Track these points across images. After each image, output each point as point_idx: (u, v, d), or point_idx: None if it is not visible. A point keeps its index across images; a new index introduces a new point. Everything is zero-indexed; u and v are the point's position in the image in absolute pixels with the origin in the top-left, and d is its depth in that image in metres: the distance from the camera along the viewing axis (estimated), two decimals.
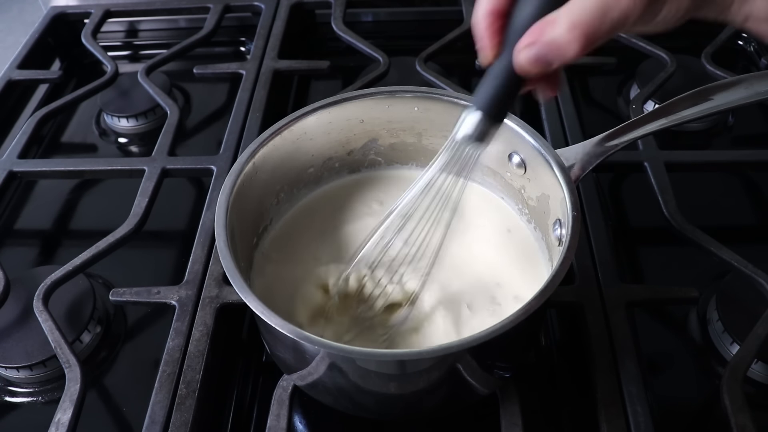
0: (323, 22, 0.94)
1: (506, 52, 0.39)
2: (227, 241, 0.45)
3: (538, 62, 0.37)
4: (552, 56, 0.36)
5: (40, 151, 0.84)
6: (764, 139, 0.80)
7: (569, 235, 0.44)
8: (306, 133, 0.55)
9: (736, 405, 0.48)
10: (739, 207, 0.72)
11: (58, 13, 0.97)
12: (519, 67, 0.38)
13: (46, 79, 0.90)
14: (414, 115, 0.57)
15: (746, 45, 0.92)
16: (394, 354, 0.42)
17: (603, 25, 0.35)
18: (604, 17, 0.34)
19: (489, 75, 0.41)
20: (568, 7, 0.35)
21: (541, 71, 0.38)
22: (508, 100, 0.42)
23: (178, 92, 0.90)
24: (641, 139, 0.57)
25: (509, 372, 0.49)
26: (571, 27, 0.35)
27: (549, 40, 0.36)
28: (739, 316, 0.56)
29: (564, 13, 0.35)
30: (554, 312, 0.62)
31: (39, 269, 0.64)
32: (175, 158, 0.72)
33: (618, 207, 0.71)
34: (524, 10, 0.37)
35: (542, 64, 0.37)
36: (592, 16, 0.35)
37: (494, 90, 0.41)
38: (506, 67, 0.39)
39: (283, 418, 0.50)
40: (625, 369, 0.51)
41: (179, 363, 0.53)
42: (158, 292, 0.58)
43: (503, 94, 0.41)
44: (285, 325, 0.40)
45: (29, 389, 0.58)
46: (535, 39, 0.36)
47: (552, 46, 0.36)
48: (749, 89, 0.49)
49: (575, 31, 0.35)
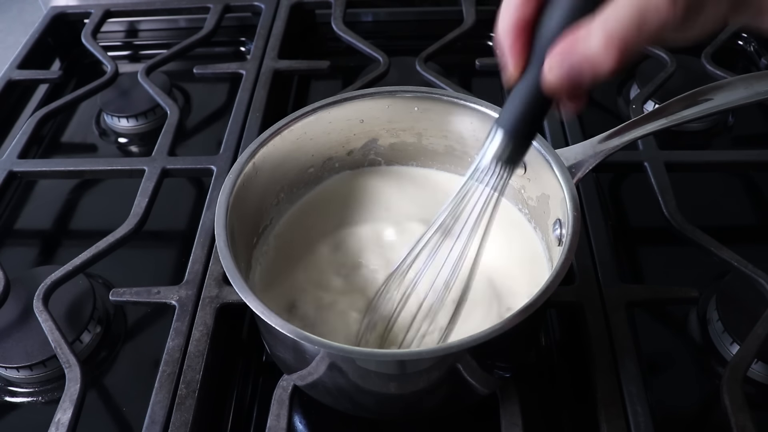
0: (323, 22, 0.94)
1: (533, 68, 0.36)
2: (227, 241, 0.45)
3: (569, 80, 0.34)
4: (586, 73, 0.33)
5: (40, 151, 0.84)
6: (764, 139, 0.80)
7: (569, 235, 0.44)
8: (306, 133, 0.55)
9: (736, 405, 0.48)
10: (739, 207, 0.72)
11: (58, 13, 0.97)
12: (548, 84, 0.35)
13: (46, 79, 0.90)
14: (414, 115, 0.57)
15: (746, 45, 0.92)
16: (394, 354, 0.42)
17: (640, 36, 0.31)
18: (641, 27, 0.31)
19: (515, 92, 0.38)
20: (602, 18, 0.32)
21: (571, 90, 0.35)
22: (538, 118, 0.39)
23: (178, 92, 0.90)
24: (641, 139, 0.57)
25: (509, 372, 0.49)
26: (607, 39, 0.32)
27: (582, 54, 0.33)
28: (739, 316, 0.56)
29: (598, 25, 0.32)
30: (554, 312, 0.62)
31: (39, 269, 0.64)
32: (175, 158, 0.72)
33: (618, 207, 0.71)
34: (552, 20, 0.34)
35: (574, 81, 0.34)
36: (630, 27, 0.31)
37: (522, 109, 0.38)
38: (534, 84, 0.36)
39: (283, 418, 0.50)
40: (625, 369, 0.51)
41: (179, 363, 0.53)
42: (158, 292, 0.58)
43: (531, 113, 0.38)
44: (285, 325, 0.40)
45: (29, 389, 0.58)
46: (566, 52, 0.33)
47: (585, 61, 0.33)
48: (749, 89, 0.49)
49: (611, 44, 0.32)
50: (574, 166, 0.49)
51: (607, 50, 0.32)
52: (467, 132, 0.56)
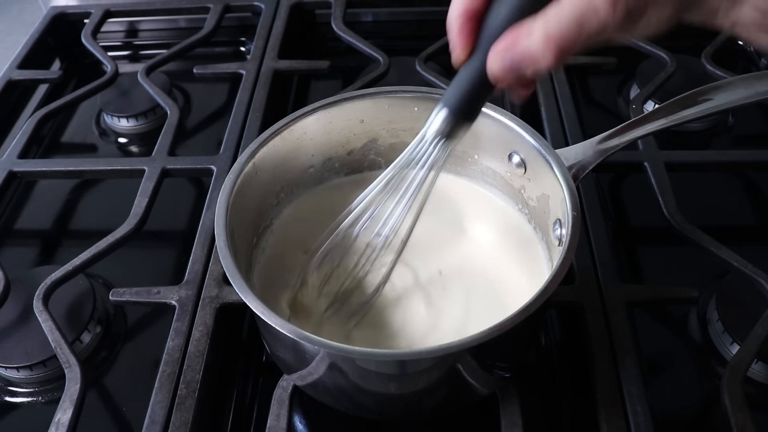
0: (323, 22, 0.93)
1: (478, 55, 0.39)
2: (227, 241, 0.45)
3: (511, 71, 0.37)
4: (525, 66, 0.36)
5: (40, 151, 0.84)
6: (764, 139, 0.80)
7: (569, 235, 0.44)
8: (306, 133, 0.55)
9: (736, 405, 0.48)
10: (739, 207, 0.72)
11: (58, 13, 0.97)
12: (491, 74, 0.38)
13: (46, 79, 0.90)
14: (414, 115, 0.57)
15: (746, 45, 0.92)
16: (394, 354, 0.42)
17: (579, 37, 0.34)
18: (580, 29, 0.33)
19: (461, 75, 0.41)
20: (544, 18, 0.34)
21: (513, 80, 0.38)
22: (479, 100, 0.43)
23: (178, 92, 0.90)
24: (641, 139, 0.57)
25: (509, 372, 0.49)
26: (546, 39, 0.34)
27: (523, 50, 0.35)
28: (739, 316, 0.56)
29: (539, 24, 0.35)
30: (554, 312, 0.62)
31: (39, 269, 0.64)
32: (175, 158, 0.72)
33: (618, 207, 0.71)
34: (498, 14, 0.37)
35: (515, 73, 0.37)
36: (568, 28, 0.34)
37: (465, 90, 0.41)
38: (478, 69, 0.39)
39: (283, 418, 0.50)
40: (625, 369, 0.51)
41: (179, 363, 0.53)
42: (158, 292, 0.58)
43: (474, 95, 0.42)
44: (285, 325, 0.40)
45: (29, 389, 0.58)
46: (508, 48, 0.36)
47: (525, 57, 0.35)
48: (749, 89, 0.49)
49: (550, 43, 0.34)
50: (574, 166, 0.49)
51: (546, 48, 0.34)
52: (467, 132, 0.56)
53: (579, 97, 0.84)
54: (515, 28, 0.36)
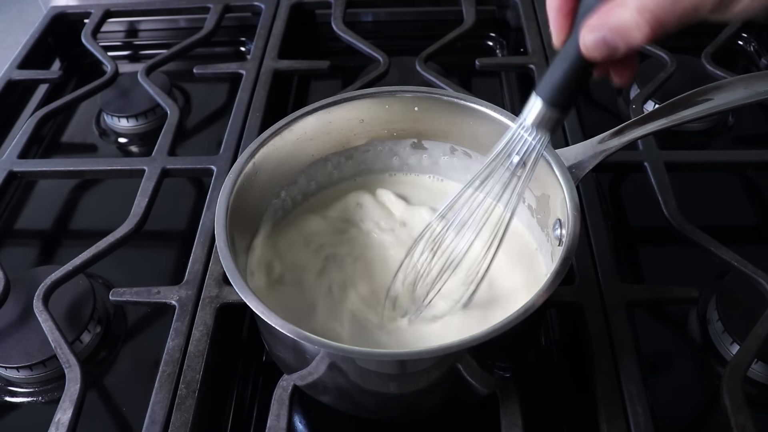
0: (323, 22, 0.94)
1: (573, 38, 0.38)
2: (227, 241, 0.45)
3: (604, 46, 0.36)
4: (618, 40, 0.35)
5: (40, 151, 0.84)
6: (764, 139, 0.80)
7: (569, 235, 0.44)
8: (306, 133, 0.55)
9: (736, 405, 0.48)
10: (739, 207, 0.72)
11: (58, 13, 0.97)
12: (585, 50, 0.37)
13: (46, 79, 0.90)
14: (414, 115, 0.57)
15: (746, 45, 0.92)
16: (394, 354, 0.42)
17: (674, 11, 0.33)
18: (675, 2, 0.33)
19: (556, 60, 0.40)
20: None
21: (607, 56, 0.37)
22: (576, 86, 0.41)
23: (178, 92, 0.90)
24: (641, 139, 0.57)
25: (509, 372, 0.49)
26: (640, 9, 0.34)
27: (616, 23, 0.35)
28: (739, 316, 0.56)
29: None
30: (554, 312, 0.62)
31: (39, 269, 0.64)
32: (175, 158, 0.72)
33: (618, 207, 0.71)
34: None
35: (608, 48, 0.36)
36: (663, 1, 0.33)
37: (561, 76, 0.40)
38: (574, 51, 0.38)
39: (283, 418, 0.50)
40: (625, 369, 0.51)
41: (179, 363, 0.53)
42: (158, 292, 0.58)
43: (570, 80, 0.40)
44: (285, 325, 0.40)
45: (29, 389, 0.58)
46: (602, 21, 0.35)
47: (619, 30, 0.35)
48: (749, 89, 0.49)
49: (645, 14, 0.34)
50: (574, 166, 0.49)
51: (641, 19, 0.34)
52: (467, 132, 0.56)
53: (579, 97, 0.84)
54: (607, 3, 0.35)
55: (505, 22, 0.96)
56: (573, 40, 0.38)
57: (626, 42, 0.35)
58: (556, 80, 0.41)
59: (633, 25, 0.34)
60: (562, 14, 0.38)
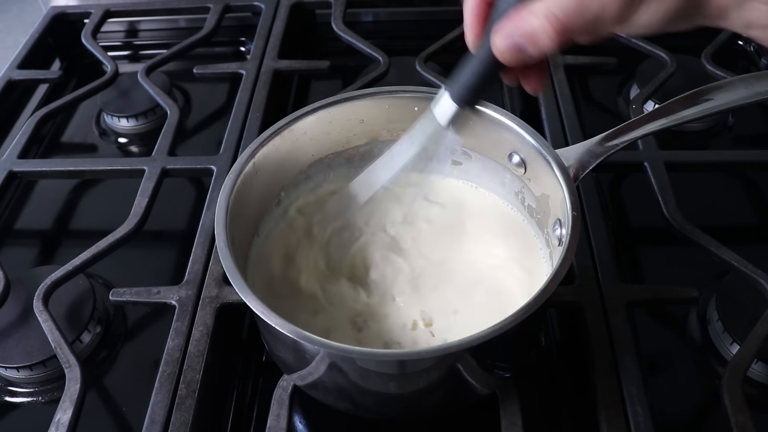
0: (323, 22, 0.94)
1: (487, 38, 0.39)
2: (227, 241, 0.45)
3: (516, 51, 0.37)
4: (529, 46, 0.36)
5: (40, 151, 0.84)
6: (764, 139, 0.80)
7: (569, 235, 0.44)
8: (306, 133, 0.55)
9: (736, 405, 0.48)
10: (739, 207, 0.72)
11: (58, 13, 0.97)
12: (498, 54, 0.38)
13: (46, 79, 0.90)
14: (414, 115, 0.56)
15: (746, 45, 0.92)
16: (394, 354, 0.42)
17: (580, 19, 0.34)
18: (581, 10, 0.34)
19: (469, 61, 0.42)
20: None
21: (518, 60, 0.38)
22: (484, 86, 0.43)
23: (178, 92, 0.90)
24: (641, 139, 0.57)
25: (509, 372, 0.49)
26: (548, 16, 0.35)
27: (525, 27, 0.36)
28: (739, 316, 0.56)
29: (540, 4, 0.35)
30: (554, 312, 0.62)
31: (39, 269, 0.64)
32: (175, 158, 0.72)
33: (618, 207, 0.71)
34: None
35: (520, 53, 0.37)
36: (570, 8, 0.34)
37: (473, 77, 0.42)
38: (487, 54, 0.39)
39: (283, 418, 0.50)
40: (625, 369, 0.51)
41: (179, 363, 0.53)
42: (158, 292, 0.58)
43: (481, 82, 0.42)
44: (285, 325, 0.40)
45: (29, 389, 0.58)
46: (512, 26, 0.37)
47: (528, 34, 0.36)
48: (749, 89, 0.49)
49: (552, 22, 0.35)
50: (574, 166, 0.49)
51: (547, 28, 0.35)
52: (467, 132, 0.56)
53: (579, 97, 0.84)
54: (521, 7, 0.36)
55: None
56: (486, 43, 0.39)
57: (536, 48, 0.36)
58: (468, 81, 0.43)
59: (541, 31, 0.35)
60: (476, 17, 0.40)
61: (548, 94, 0.76)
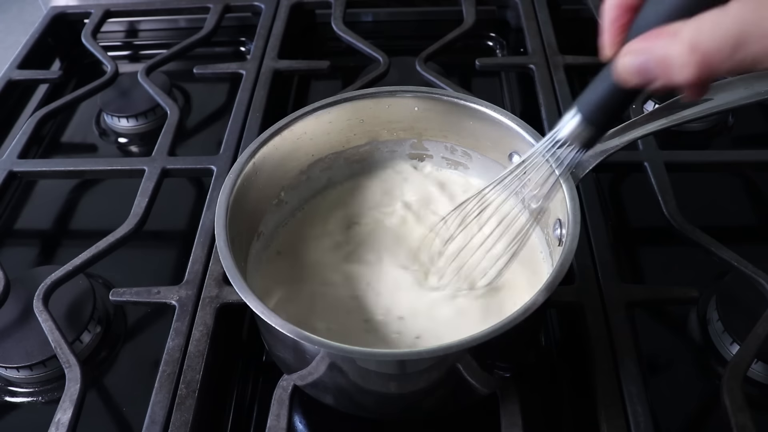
0: (323, 22, 0.94)
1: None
2: (227, 241, 0.45)
3: (639, 73, 0.32)
4: (657, 72, 0.31)
5: (40, 151, 0.84)
6: (764, 139, 0.80)
7: (569, 235, 0.44)
8: (306, 133, 0.55)
9: (736, 405, 0.48)
10: (739, 207, 0.72)
11: (58, 13, 0.97)
12: (617, 71, 0.33)
13: (46, 79, 0.90)
14: (414, 115, 0.57)
15: None
16: (394, 354, 0.42)
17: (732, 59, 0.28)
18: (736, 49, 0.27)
19: (601, 74, 0.37)
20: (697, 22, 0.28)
21: (641, 84, 0.33)
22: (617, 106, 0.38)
23: (178, 92, 0.90)
24: (641, 139, 0.57)
25: (509, 372, 0.49)
26: (692, 47, 0.28)
27: (661, 53, 0.30)
28: (739, 316, 0.56)
29: (689, 29, 0.29)
30: (554, 312, 0.62)
31: (39, 269, 0.64)
32: (175, 158, 0.72)
33: (618, 207, 0.71)
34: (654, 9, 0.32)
35: (643, 77, 0.32)
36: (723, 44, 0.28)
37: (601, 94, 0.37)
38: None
39: (283, 418, 0.50)
40: (625, 369, 0.51)
41: (179, 363, 0.53)
42: (158, 292, 0.58)
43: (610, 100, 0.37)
44: (285, 325, 0.40)
45: (29, 389, 0.58)
46: (646, 46, 0.31)
47: (661, 62, 0.30)
48: (749, 89, 0.49)
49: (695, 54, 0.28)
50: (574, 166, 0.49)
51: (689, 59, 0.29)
52: (467, 132, 0.56)
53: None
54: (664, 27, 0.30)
55: (505, 22, 0.96)
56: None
57: (666, 77, 0.31)
58: (596, 98, 0.38)
59: (678, 61, 0.29)
60: (616, 26, 0.34)
61: (548, 94, 0.76)
